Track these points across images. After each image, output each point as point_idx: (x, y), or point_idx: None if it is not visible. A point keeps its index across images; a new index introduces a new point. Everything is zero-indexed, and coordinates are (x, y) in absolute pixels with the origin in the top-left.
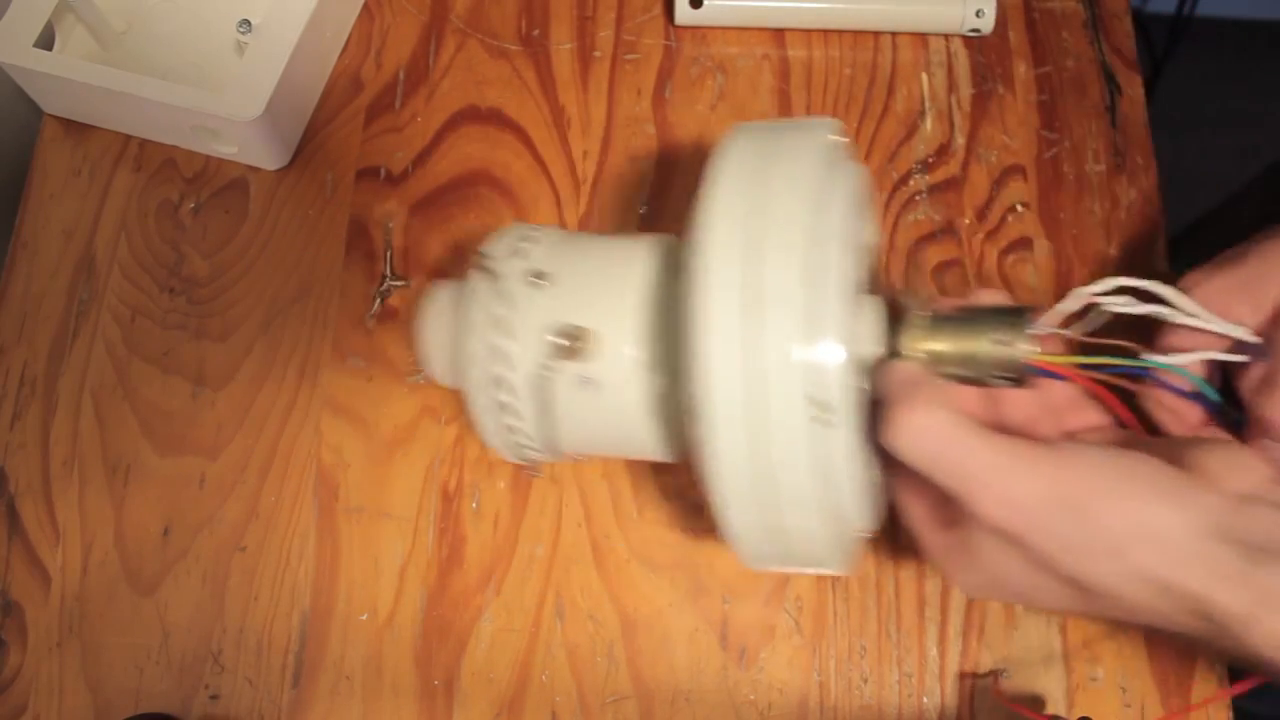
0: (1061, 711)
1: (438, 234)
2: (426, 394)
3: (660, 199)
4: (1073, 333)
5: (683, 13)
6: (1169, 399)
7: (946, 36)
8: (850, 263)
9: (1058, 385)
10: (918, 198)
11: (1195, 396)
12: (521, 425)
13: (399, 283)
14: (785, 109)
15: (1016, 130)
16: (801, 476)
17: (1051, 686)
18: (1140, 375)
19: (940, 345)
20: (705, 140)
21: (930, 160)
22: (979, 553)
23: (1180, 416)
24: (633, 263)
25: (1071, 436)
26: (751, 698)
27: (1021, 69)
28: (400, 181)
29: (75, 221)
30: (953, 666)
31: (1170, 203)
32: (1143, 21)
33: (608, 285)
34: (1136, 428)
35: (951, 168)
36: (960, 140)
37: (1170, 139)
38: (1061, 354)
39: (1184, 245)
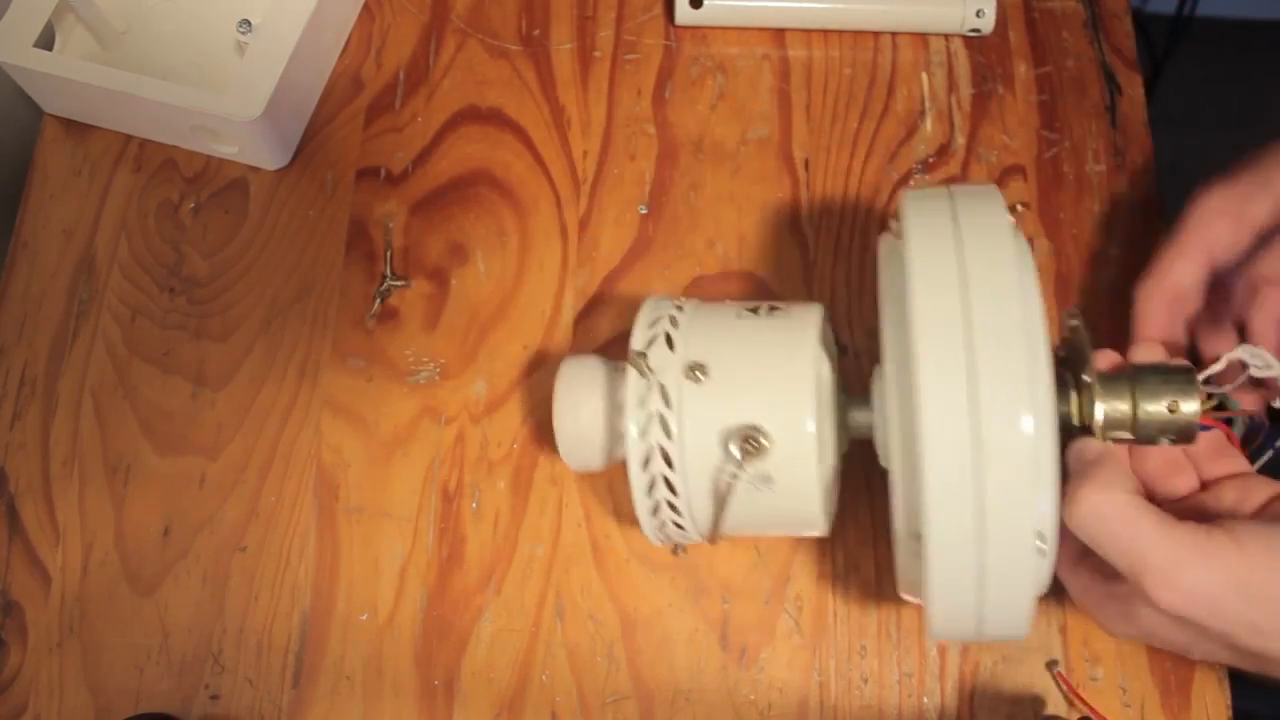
0: (1061, 712)
1: (438, 234)
2: (426, 394)
3: (660, 199)
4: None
5: (683, 13)
6: None
7: (946, 36)
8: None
9: (1201, 435)
10: None
11: None
12: (683, 521)
13: (399, 283)
14: (785, 109)
15: (1016, 130)
16: (1018, 550)
17: (1052, 686)
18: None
19: (1112, 409)
20: (705, 140)
21: (930, 160)
22: (1141, 618)
23: None
24: (792, 347)
25: (1213, 484)
26: (751, 698)
27: (1021, 69)
28: (400, 181)
29: (75, 221)
30: (953, 666)
31: (1170, 202)
32: (1143, 21)
33: (770, 374)
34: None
35: (952, 168)
36: (960, 140)
37: (1170, 139)
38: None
39: None
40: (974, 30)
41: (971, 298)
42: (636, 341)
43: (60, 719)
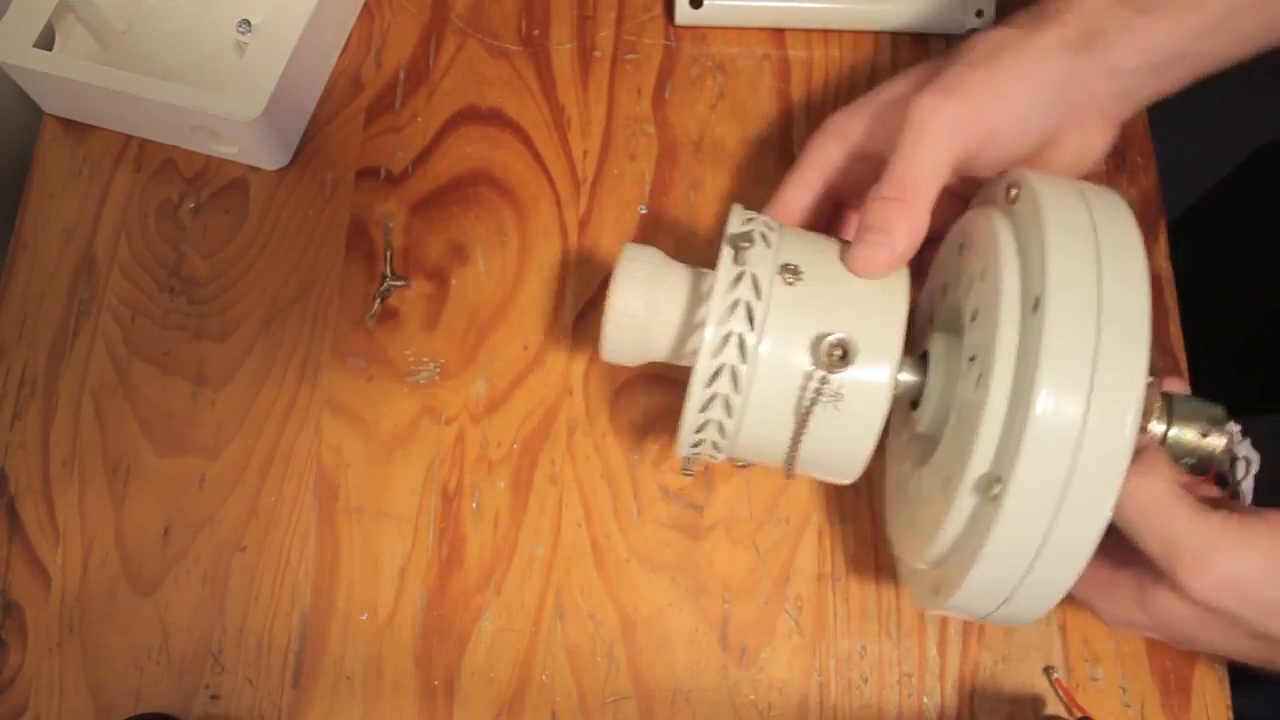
0: (1061, 712)
1: (438, 234)
2: (426, 394)
3: (660, 199)
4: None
5: (683, 13)
6: None
7: (946, 36)
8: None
9: None
10: None
11: None
12: (728, 429)
13: (399, 283)
14: (785, 109)
15: None
16: (1085, 536)
17: (1051, 686)
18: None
19: (1154, 425)
20: (705, 140)
21: None
22: (1155, 605)
23: None
24: (889, 280)
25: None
26: (751, 698)
27: None
28: (400, 181)
29: (75, 221)
30: (953, 666)
31: (1170, 202)
32: None
33: (865, 298)
34: None
35: None
36: None
37: (1170, 139)
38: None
39: (1183, 226)
40: (974, 30)
41: (1104, 288)
42: (732, 229)
43: (60, 719)
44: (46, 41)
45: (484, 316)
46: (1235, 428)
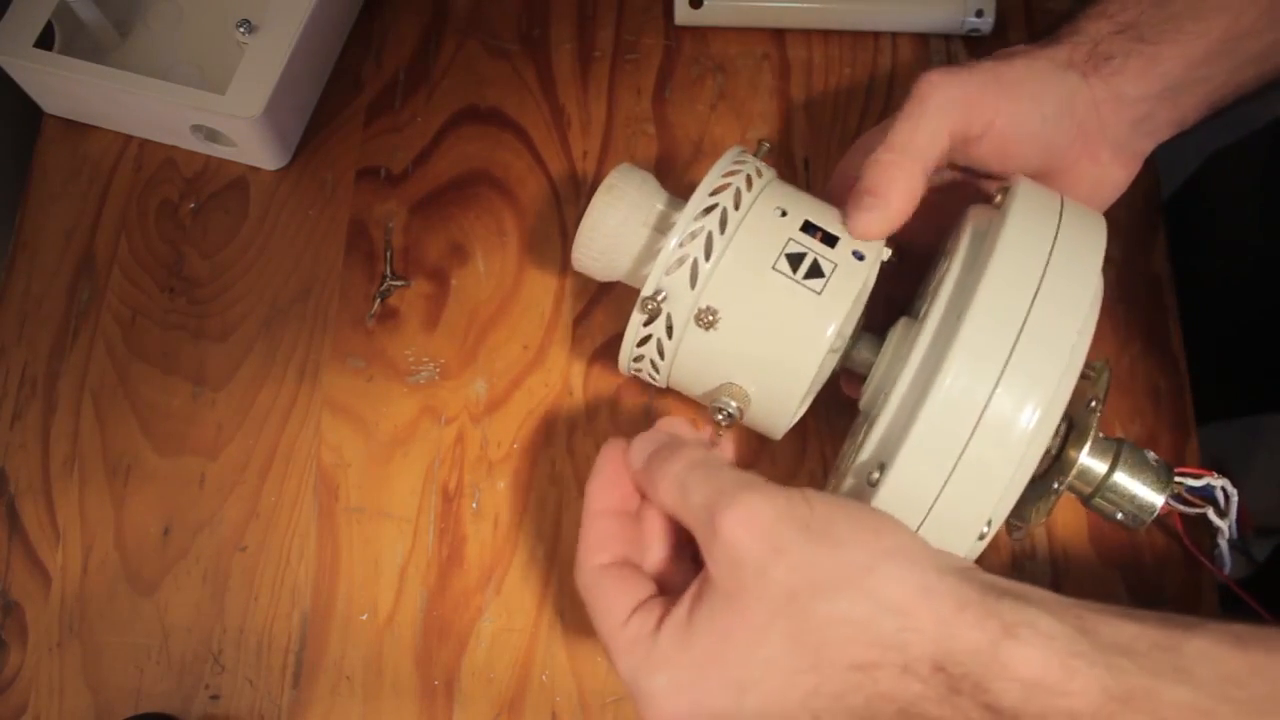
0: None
1: (438, 234)
2: (426, 394)
3: None
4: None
5: (683, 13)
6: None
7: (946, 37)
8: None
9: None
10: None
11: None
12: (669, 342)
13: (399, 283)
14: (785, 109)
15: None
16: (965, 525)
17: None
18: None
19: (1093, 463)
20: (705, 140)
21: None
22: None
23: None
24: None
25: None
26: None
27: None
28: (400, 181)
29: (75, 221)
30: None
31: (1170, 201)
32: None
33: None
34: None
35: None
36: None
37: (1170, 138)
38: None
39: (1178, 202)
40: (974, 30)
41: (1040, 298)
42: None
43: (60, 719)
44: (46, 41)
45: (484, 316)
46: (1220, 482)
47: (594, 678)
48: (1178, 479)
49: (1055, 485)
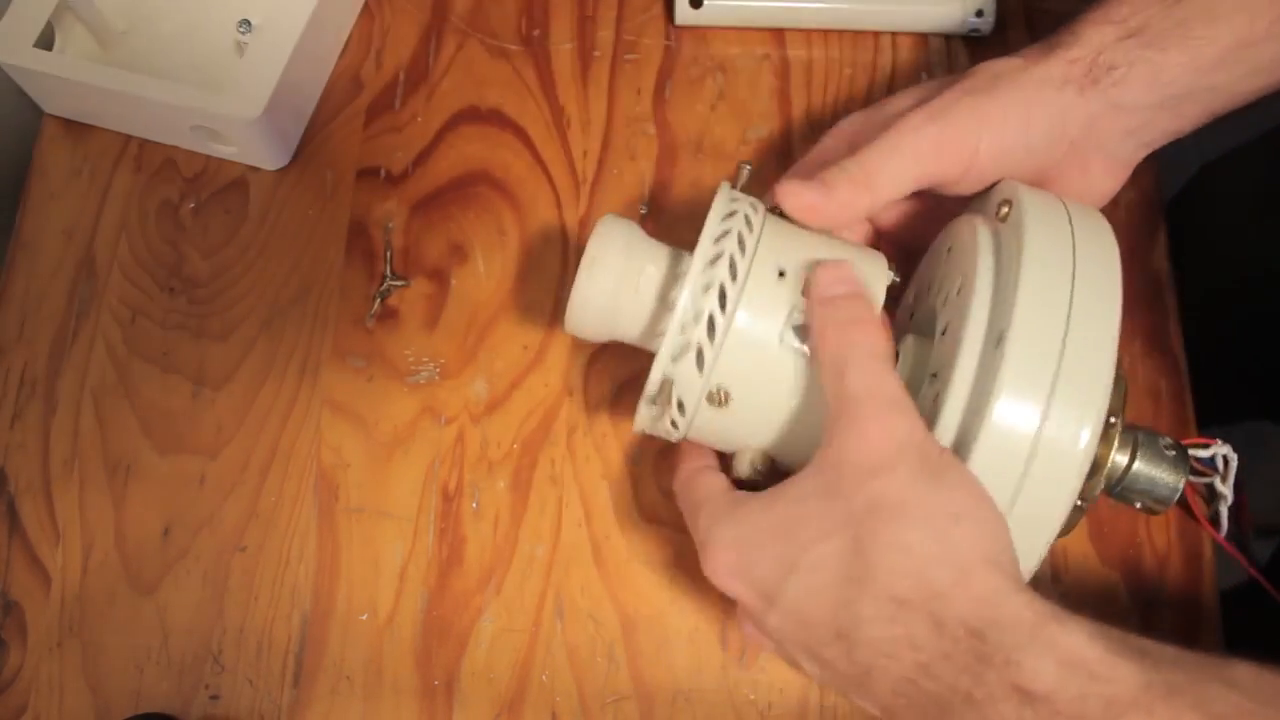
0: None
1: (438, 234)
2: (426, 394)
3: (660, 199)
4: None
5: (683, 13)
6: None
7: (946, 36)
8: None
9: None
10: None
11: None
12: (691, 395)
13: (399, 283)
14: (785, 109)
15: None
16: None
17: None
18: None
19: (1118, 456)
20: (705, 140)
21: None
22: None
23: None
24: (872, 263)
25: None
26: (751, 698)
27: None
28: (400, 181)
29: (75, 221)
30: None
31: (1170, 202)
32: None
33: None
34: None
35: None
36: None
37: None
38: None
39: (1181, 207)
40: (974, 30)
41: (1071, 330)
42: (716, 210)
43: (60, 719)
44: (46, 41)
45: (484, 316)
46: (1223, 449)
47: (594, 678)
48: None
49: (1079, 504)
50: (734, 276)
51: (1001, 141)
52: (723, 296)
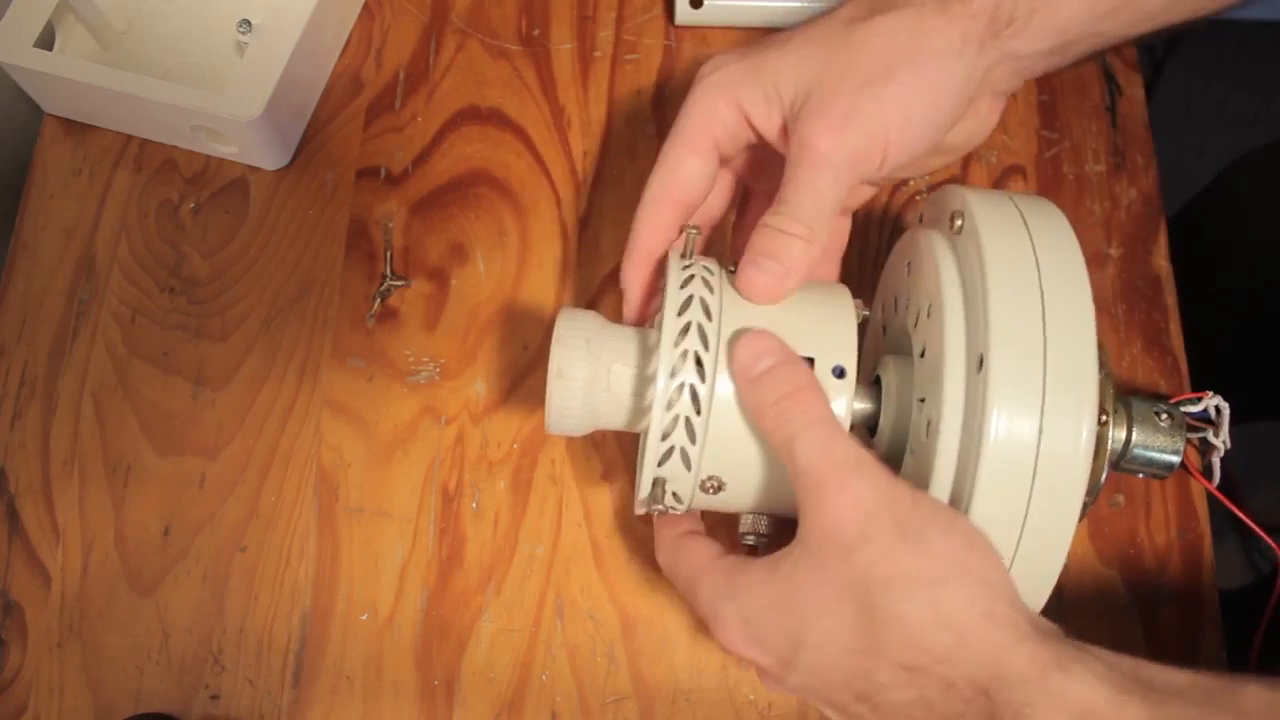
0: None
1: (438, 234)
2: (426, 394)
3: None
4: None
5: (683, 13)
6: None
7: None
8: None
9: None
10: (918, 198)
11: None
12: (687, 479)
13: (399, 283)
14: None
15: (1016, 130)
16: (1058, 534)
17: None
18: None
19: (1115, 438)
20: None
21: None
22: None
23: None
24: (838, 299)
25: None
26: (751, 698)
27: None
28: (400, 181)
29: (75, 221)
30: None
31: (1170, 202)
32: None
33: (819, 325)
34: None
35: (951, 167)
36: None
37: (1170, 139)
38: None
39: (1191, 214)
40: None
41: (1049, 333)
42: (670, 293)
43: (60, 719)
44: (46, 41)
45: (484, 316)
46: (1214, 400)
47: (594, 678)
48: (1182, 409)
49: (1086, 499)
50: (702, 374)
51: (912, 126)
52: (695, 396)
